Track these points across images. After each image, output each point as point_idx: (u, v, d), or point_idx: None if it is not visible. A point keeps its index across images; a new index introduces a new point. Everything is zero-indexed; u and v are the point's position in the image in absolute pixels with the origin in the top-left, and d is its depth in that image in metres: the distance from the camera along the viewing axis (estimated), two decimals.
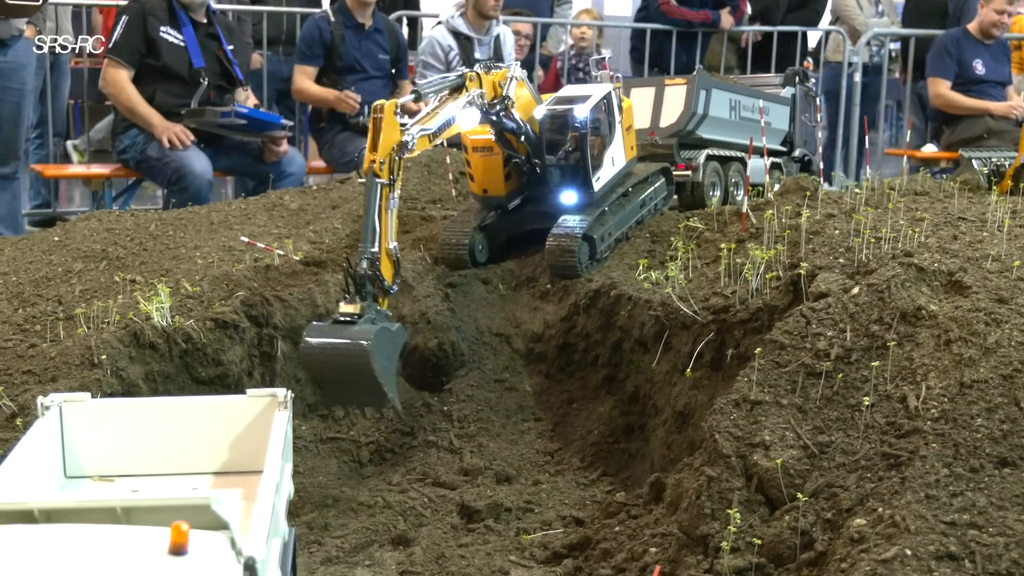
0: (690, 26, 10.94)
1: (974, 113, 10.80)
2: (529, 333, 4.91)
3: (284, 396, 3.13)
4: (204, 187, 8.26)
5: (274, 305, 4.61)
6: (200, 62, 8.35)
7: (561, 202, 5.08)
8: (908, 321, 3.68)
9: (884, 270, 3.86)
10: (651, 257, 5.01)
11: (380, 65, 9.71)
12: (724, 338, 4.24)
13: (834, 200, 5.00)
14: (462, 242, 5.07)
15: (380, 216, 4.15)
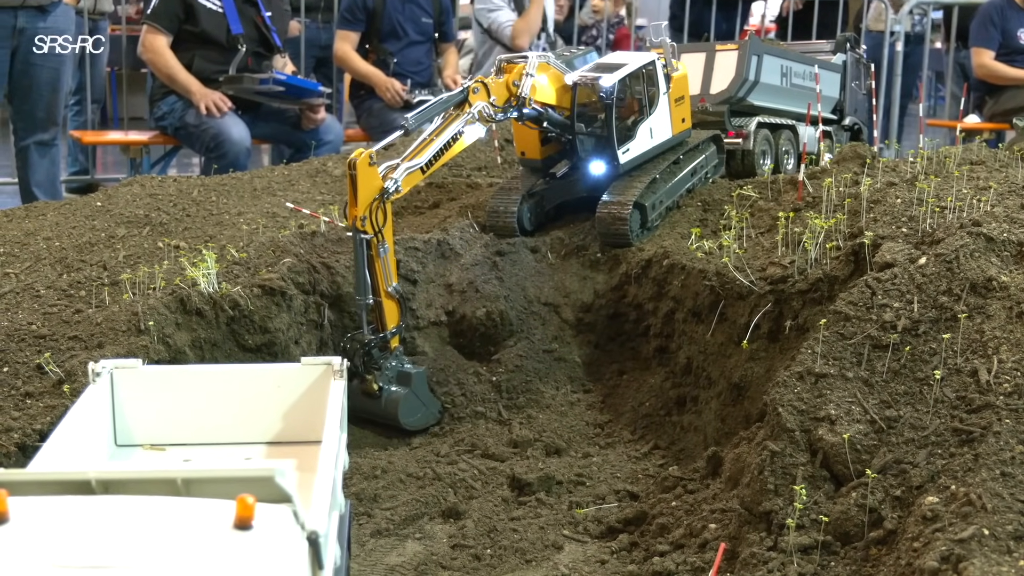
0: None
1: (1018, 83, 10.58)
2: (578, 303, 4.80)
3: (340, 365, 3.03)
4: (242, 154, 8.19)
5: (320, 272, 4.52)
6: (238, 28, 8.27)
7: (589, 172, 4.96)
8: (978, 292, 3.54)
9: (952, 239, 3.71)
10: (703, 226, 4.88)
11: (423, 29, 9.61)
12: (782, 309, 4.11)
13: (892, 168, 4.84)
14: (510, 209, 4.96)
15: (370, 268, 4.15)
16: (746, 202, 4.93)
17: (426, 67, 9.78)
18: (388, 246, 4.17)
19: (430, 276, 4.73)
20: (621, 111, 4.89)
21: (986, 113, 10.93)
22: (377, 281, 4.19)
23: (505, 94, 4.58)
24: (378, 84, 9.35)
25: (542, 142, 5.05)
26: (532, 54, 4.74)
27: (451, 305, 4.74)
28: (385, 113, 9.47)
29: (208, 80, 8.13)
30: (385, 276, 4.19)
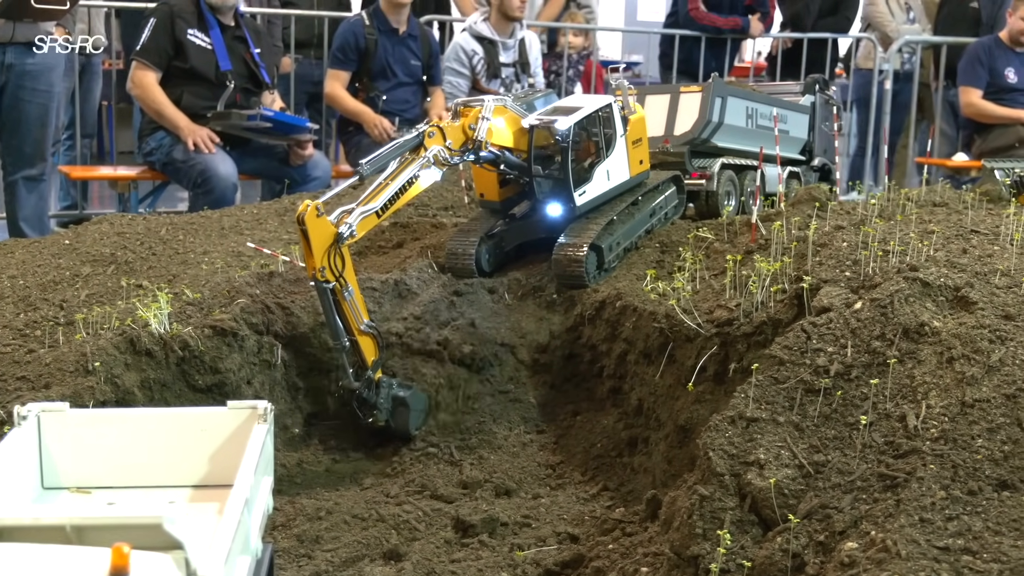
0: (719, 32, 10.82)
1: (1006, 122, 10.65)
2: (534, 343, 4.83)
3: (264, 409, 3.06)
4: (229, 190, 8.26)
5: (275, 313, 4.55)
6: (227, 65, 8.36)
7: (547, 214, 5.00)
8: (910, 337, 3.56)
9: (888, 284, 3.74)
10: (660, 267, 4.91)
11: (412, 71, 9.70)
12: (728, 352, 4.14)
13: (847, 211, 4.88)
14: (468, 251, 5.00)
15: (338, 312, 4.22)
16: (702, 244, 4.96)
17: (413, 106, 9.86)
18: (352, 288, 4.23)
19: (386, 315, 4.76)
20: (578, 153, 4.93)
21: (975, 151, 10.97)
22: (349, 323, 4.24)
23: (461, 137, 4.63)
24: (367, 120, 9.43)
25: (500, 184, 5.09)
26: (488, 97, 4.79)
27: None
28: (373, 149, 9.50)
29: (196, 116, 8.21)
30: (355, 316, 4.25)
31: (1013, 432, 3.24)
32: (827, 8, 11.16)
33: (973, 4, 11.59)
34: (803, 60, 11.02)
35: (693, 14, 10.73)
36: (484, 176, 5.08)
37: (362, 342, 4.31)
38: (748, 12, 10.91)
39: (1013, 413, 3.28)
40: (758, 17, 10.88)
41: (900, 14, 11.87)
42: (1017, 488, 3.11)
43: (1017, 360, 3.41)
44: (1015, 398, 3.31)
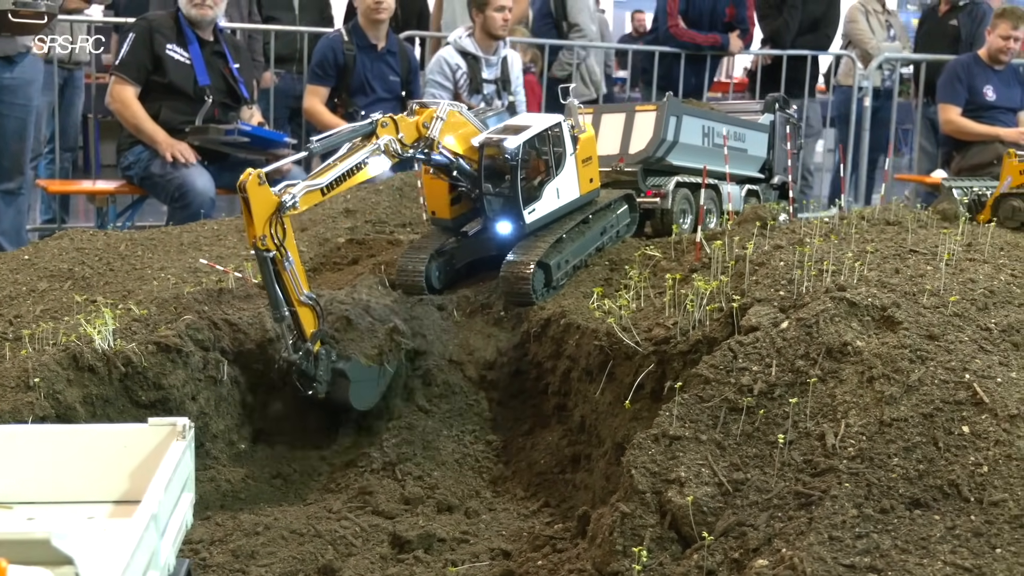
0: (699, 49, 10.89)
1: (984, 139, 10.70)
2: (482, 360, 4.88)
3: (183, 426, 3.11)
4: (206, 204, 8.31)
5: (222, 329, 4.60)
6: (205, 80, 8.42)
7: (497, 232, 5.06)
8: (833, 357, 3.62)
9: (815, 304, 3.79)
10: (607, 285, 4.97)
11: (391, 87, 9.76)
12: (664, 369, 4.19)
13: (791, 230, 4.93)
14: (418, 268, 5.05)
15: (279, 283, 4.27)
16: (649, 262, 5.01)
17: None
18: (293, 258, 4.28)
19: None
20: (527, 172, 4.98)
21: (953, 168, 11.04)
22: (289, 293, 4.29)
23: (414, 133, 4.69)
24: None
25: (452, 201, 5.14)
26: (444, 101, 4.85)
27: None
28: None
29: (174, 130, 8.27)
30: (295, 287, 4.30)
31: (929, 451, 3.29)
32: (807, 25, 11.21)
33: (952, 22, 11.66)
34: (783, 77, 11.08)
35: (673, 31, 10.80)
36: (436, 193, 5.13)
37: (301, 313, 4.34)
38: (728, 29, 10.97)
39: (929, 432, 3.33)
40: (738, 34, 10.95)
41: (880, 31, 11.96)
42: (929, 506, 3.16)
43: (936, 379, 3.46)
44: (932, 417, 3.36)
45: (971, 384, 3.41)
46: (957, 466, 3.22)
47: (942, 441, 3.29)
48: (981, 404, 3.36)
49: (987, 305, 3.90)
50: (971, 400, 3.38)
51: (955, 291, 3.96)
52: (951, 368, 3.49)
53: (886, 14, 12.24)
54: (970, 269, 4.23)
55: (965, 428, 3.31)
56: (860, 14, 12.01)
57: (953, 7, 11.72)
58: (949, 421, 3.34)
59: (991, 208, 6.15)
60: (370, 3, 9.36)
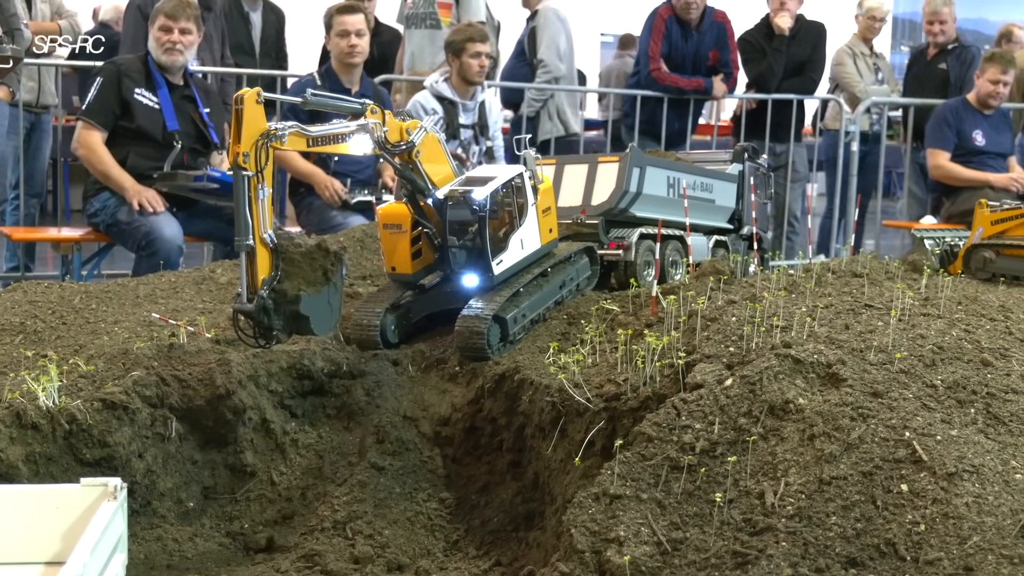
0: (682, 93, 11.07)
1: (974, 185, 10.84)
2: (436, 416, 5.00)
3: (115, 487, 3.23)
4: (174, 252, 8.42)
5: (171, 385, 4.73)
6: (174, 125, 8.55)
7: (463, 285, 5.21)
8: (775, 414, 3.75)
9: (760, 361, 3.93)
10: (565, 340, 5.10)
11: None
12: (615, 426, 4.32)
13: (749, 284, 5.07)
14: (373, 322, 5.18)
15: (250, 208, 4.38)
16: (607, 316, 5.15)
17: (366, 167, 10.06)
18: (268, 189, 4.43)
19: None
20: (494, 223, 5.13)
21: (943, 214, 11.20)
22: (253, 225, 4.42)
23: (396, 135, 4.93)
24: (317, 182, 9.62)
25: (413, 256, 5.26)
26: (428, 119, 5.10)
27: None
28: (324, 211, 9.73)
29: (142, 177, 8.38)
30: (262, 221, 4.43)
31: (867, 510, 3.42)
32: (792, 69, 11.41)
33: (941, 65, 11.86)
34: (768, 121, 11.27)
35: (655, 75, 10.98)
36: (396, 248, 5.26)
37: (260, 253, 4.46)
38: (711, 73, 11.17)
39: (868, 491, 3.46)
40: (721, 78, 11.14)
41: (868, 75, 12.15)
42: (866, 566, 3.29)
43: (877, 437, 3.59)
44: (871, 475, 3.49)
45: (911, 442, 3.55)
46: (895, 524, 3.35)
47: (880, 500, 3.42)
48: (920, 462, 3.49)
49: (935, 361, 4.04)
50: (910, 458, 3.51)
51: (904, 347, 4.10)
52: (892, 426, 3.62)
53: (874, 57, 12.44)
54: (922, 324, 4.38)
55: (903, 486, 3.44)
56: (847, 57, 12.22)
57: (942, 51, 11.93)
58: (888, 479, 3.47)
59: (963, 259, 6.30)
60: (344, 47, 9.52)
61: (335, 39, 9.52)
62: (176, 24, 8.50)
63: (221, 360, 4.88)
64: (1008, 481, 3.46)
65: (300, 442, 4.99)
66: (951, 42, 11.96)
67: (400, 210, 5.21)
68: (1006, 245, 6.16)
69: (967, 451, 3.55)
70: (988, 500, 3.37)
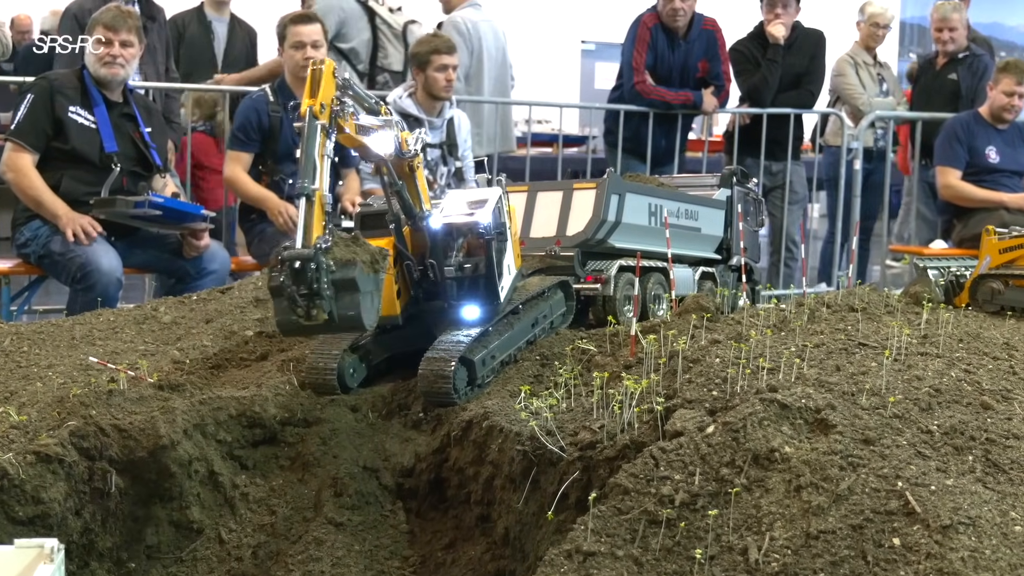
0: (669, 108, 11.24)
1: (987, 206, 11.00)
2: (399, 466, 5.11)
3: (51, 548, 3.34)
4: (112, 286, 8.49)
5: (111, 435, 4.82)
6: (112, 146, 8.64)
7: (463, 317, 5.32)
8: (760, 464, 3.88)
9: (743, 407, 4.07)
10: (538, 382, 5.22)
11: None
12: (590, 476, 4.44)
13: (736, 321, 5.21)
14: (329, 366, 5.28)
15: (319, 156, 4.59)
16: (583, 356, 5.28)
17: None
18: (331, 152, 4.66)
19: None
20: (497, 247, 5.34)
21: (954, 238, 11.37)
22: (320, 172, 4.61)
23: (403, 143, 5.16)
24: (271, 208, 9.73)
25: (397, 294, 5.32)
26: (419, 131, 5.38)
27: None
28: (278, 239, 9.83)
29: (77, 203, 8.47)
30: (325, 178, 4.63)
31: (857, 565, 3.55)
32: (789, 81, 11.59)
33: (951, 76, 12.06)
34: (762, 138, 11.45)
35: (639, 88, 11.15)
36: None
37: (318, 207, 4.56)
38: (701, 85, 11.34)
39: (858, 545, 3.59)
40: (712, 91, 11.32)
41: (872, 86, 12.36)
42: None
43: (867, 488, 3.73)
44: (861, 529, 3.62)
45: (903, 493, 3.68)
46: None
47: (871, 555, 3.55)
48: (913, 514, 3.62)
49: (931, 405, 4.19)
50: (903, 510, 3.64)
51: (898, 390, 4.24)
52: (883, 476, 3.76)
53: (878, 67, 12.67)
54: (919, 365, 4.53)
55: (896, 540, 3.58)
56: (849, 67, 12.44)
57: (952, 59, 12.14)
58: (879, 533, 3.60)
59: (969, 290, 6.46)
60: (299, 59, 9.63)
61: (289, 51, 9.65)
62: (116, 36, 8.59)
63: (164, 408, 4.98)
64: (1007, 534, 3.60)
65: (251, 496, 5.08)
66: (962, 50, 12.15)
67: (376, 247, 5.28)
68: (1015, 276, 6.32)
69: (963, 502, 3.68)
70: (985, 554, 3.50)
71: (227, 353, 5.84)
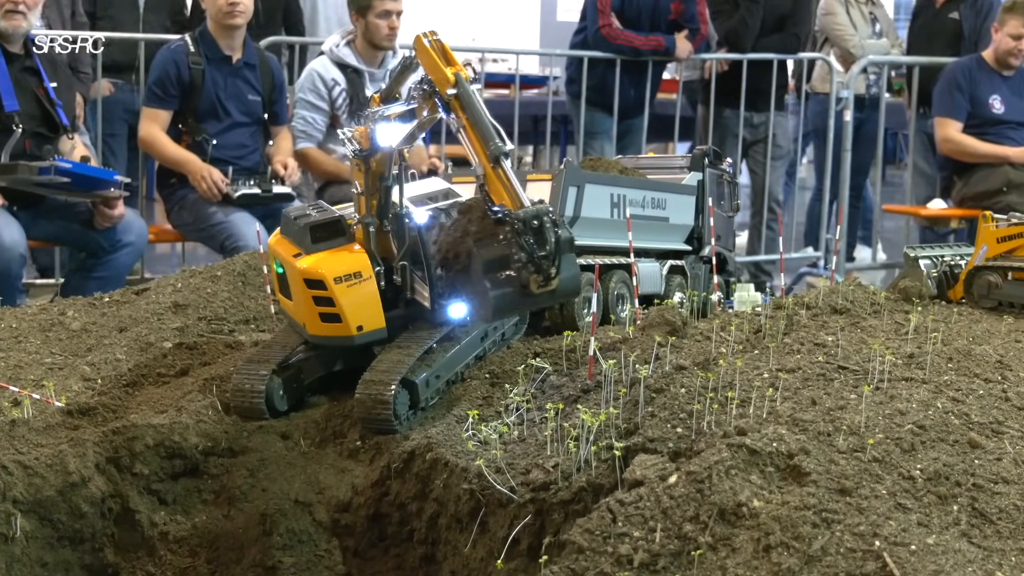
0: (638, 54, 11.25)
1: (991, 161, 11.09)
2: (335, 500, 5.18)
3: None
4: (14, 262, 8.51)
5: (14, 473, 4.87)
6: (13, 105, 8.64)
7: (451, 317, 5.39)
8: (727, 520, 3.97)
9: (709, 453, 4.15)
10: (487, 405, 5.29)
11: (250, 109, 10.05)
12: (544, 521, 4.53)
13: (705, 336, 5.30)
14: (256, 387, 5.31)
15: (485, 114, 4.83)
16: (537, 375, 5.36)
17: (252, 151, 10.21)
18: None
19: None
20: None
21: (955, 197, 11.49)
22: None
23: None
24: (192, 171, 9.76)
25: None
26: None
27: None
28: (201, 207, 9.87)
29: None
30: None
31: None
32: (771, 24, 11.62)
33: (953, 15, 12.10)
34: (743, 85, 11.49)
35: (605, 32, 11.16)
36: (364, 302, 5.33)
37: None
38: (674, 29, 11.35)
39: None
40: (685, 35, 11.33)
41: (864, 27, 12.41)
42: None
43: (842, 548, 3.82)
44: None
45: (881, 553, 3.78)
46: None
47: None
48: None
49: (914, 445, 4.28)
50: (880, 573, 3.74)
51: (879, 427, 4.34)
52: (860, 533, 3.85)
53: (870, 4, 12.70)
54: (903, 395, 4.62)
55: None
56: (838, 5, 12.46)
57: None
58: None
59: (964, 283, 6.55)
60: (222, 4, 9.63)
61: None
62: None
63: (74, 440, 5.04)
64: None
65: (171, 535, 5.15)
66: None
67: (350, 256, 5.33)
68: (1015, 268, 6.38)
69: (946, 562, 3.78)
70: None
71: (143, 368, 5.87)
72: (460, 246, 4.94)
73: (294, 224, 5.38)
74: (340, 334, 5.38)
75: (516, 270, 4.78)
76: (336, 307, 5.31)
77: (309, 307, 5.35)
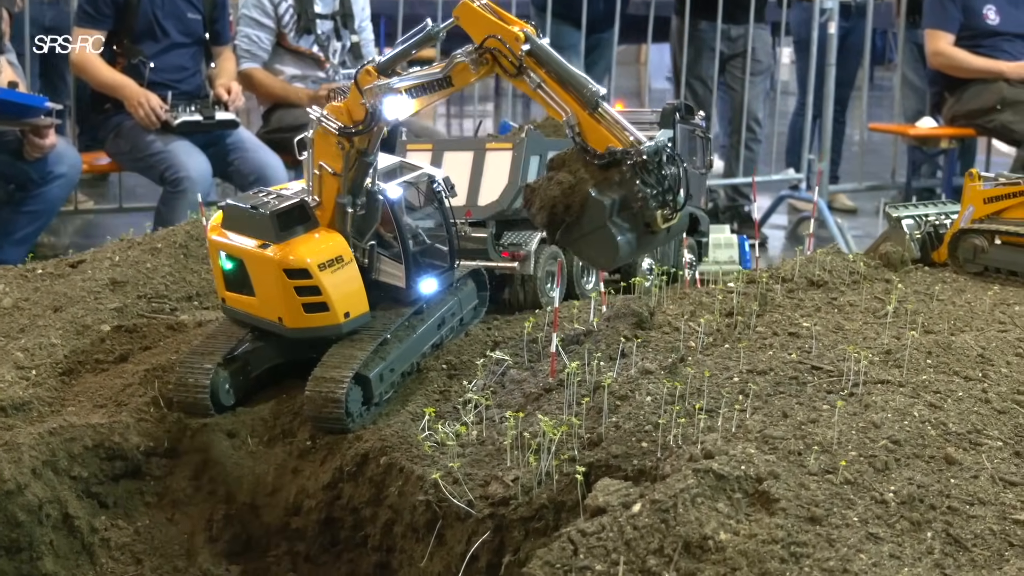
0: None
1: (984, 76, 11.15)
2: (284, 503, 5.29)
3: None
4: None
5: None
6: None
7: (422, 293, 5.55)
8: (692, 553, 4.10)
9: (674, 479, 4.28)
10: (444, 400, 5.40)
11: (190, 28, 10.05)
12: (503, 538, 4.66)
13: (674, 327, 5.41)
14: (201, 381, 5.38)
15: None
16: (497, 368, 5.47)
17: (192, 74, 10.23)
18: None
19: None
20: None
21: (946, 114, 11.57)
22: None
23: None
24: (128, 97, 9.77)
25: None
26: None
27: None
28: (138, 135, 9.90)
29: None
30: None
31: None
32: None
33: None
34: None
35: None
36: (349, 288, 5.38)
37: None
38: None
39: None
40: None
41: None
42: None
43: None
44: None
45: None
46: None
47: None
48: None
49: (888, 464, 4.42)
50: None
51: (851, 443, 4.47)
52: (829, 569, 3.99)
53: None
54: (878, 402, 4.75)
55: None
56: None
57: None
58: None
59: (948, 246, 6.66)
60: None
61: None
62: None
63: (7, 444, 5.11)
64: None
65: (112, 541, 5.26)
66: None
67: (330, 240, 5.36)
68: (1002, 231, 6.50)
69: None
70: None
71: (80, 355, 5.92)
72: (571, 197, 5.08)
73: (249, 214, 5.35)
74: (326, 323, 5.39)
75: (639, 209, 5.02)
76: (323, 295, 5.32)
77: (287, 299, 5.34)
